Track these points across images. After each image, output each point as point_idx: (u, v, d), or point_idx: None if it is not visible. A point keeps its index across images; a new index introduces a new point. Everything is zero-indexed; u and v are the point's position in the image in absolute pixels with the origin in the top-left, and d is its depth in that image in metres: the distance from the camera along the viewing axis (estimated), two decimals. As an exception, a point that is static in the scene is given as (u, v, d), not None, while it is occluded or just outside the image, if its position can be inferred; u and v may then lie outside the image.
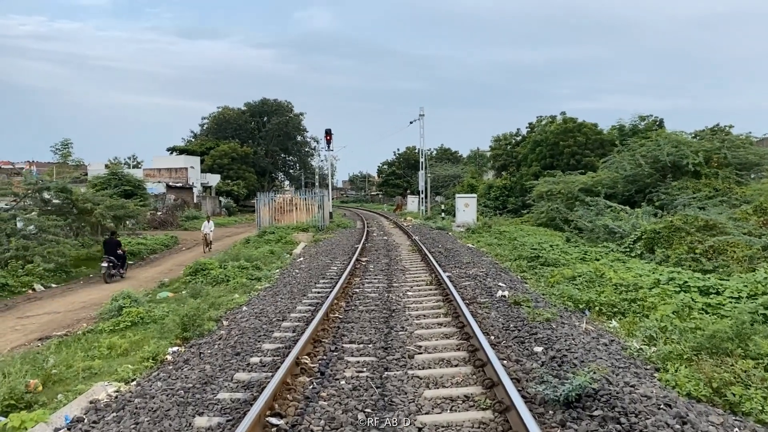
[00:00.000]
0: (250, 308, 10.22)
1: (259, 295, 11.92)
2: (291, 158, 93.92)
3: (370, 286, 11.84)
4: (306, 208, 32.24)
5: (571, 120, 48.87)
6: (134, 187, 35.05)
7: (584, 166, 40.63)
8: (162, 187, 52.34)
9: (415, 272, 13.61)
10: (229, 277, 15.71)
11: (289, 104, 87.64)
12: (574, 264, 14.70)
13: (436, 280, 11.74)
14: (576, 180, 32.84)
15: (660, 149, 28.82)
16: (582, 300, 9.67)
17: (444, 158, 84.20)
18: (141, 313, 10.95)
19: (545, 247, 16.53)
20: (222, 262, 17.57)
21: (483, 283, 11.48)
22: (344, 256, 17.42)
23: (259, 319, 8.97)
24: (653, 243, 16.56)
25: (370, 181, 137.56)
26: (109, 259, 19.48)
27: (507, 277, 12.53)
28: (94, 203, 23.09)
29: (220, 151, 72.70)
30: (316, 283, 12.40)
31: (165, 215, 44.92)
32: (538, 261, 15.23)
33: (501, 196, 50.51)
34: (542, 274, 13.44)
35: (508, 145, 58.19)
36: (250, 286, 13.70)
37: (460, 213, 31.59)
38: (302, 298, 10.66)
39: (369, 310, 9.19)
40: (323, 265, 15.64)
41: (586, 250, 17.17)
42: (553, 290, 10.88)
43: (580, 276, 11.68)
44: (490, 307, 8.97)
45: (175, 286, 16.46)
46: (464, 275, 12.54)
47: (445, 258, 16.07)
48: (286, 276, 14.64)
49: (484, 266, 14.13)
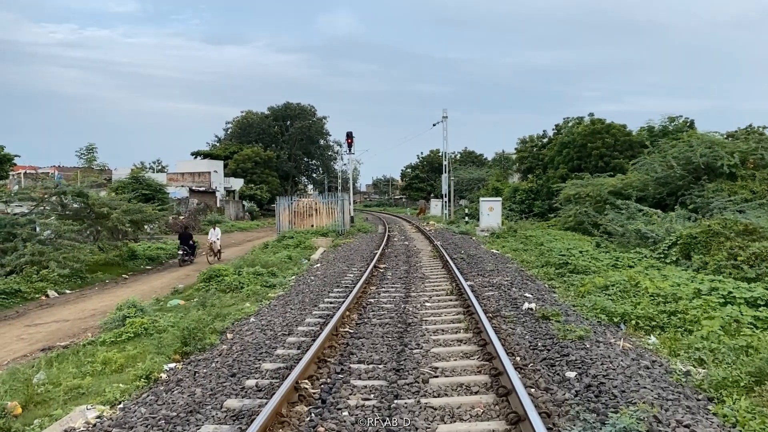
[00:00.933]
0: (258, 319, 9.58)
1: (270, 305, 11.29)
2: (314, 162, 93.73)
3: (386, 295, 11.11)
4: (326, 213, 31.67)
5: (599, 121, 47.53)
6: (154, 191, 34.85)
7: (613, 168, 39.34)
8: (185, 191, 52.39)
9: (435, 280, 12.84)
10: (243, 284, 15.15)
11: (312, 108, 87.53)
12: (606, 271, 13.79)
13: (457, 289, 10.97)
14: (605, 182, 31.69)
15: (693, 150, 27.64)
16: (616, 312, 8.81)
17: (468, 161, 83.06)
18: (145, 324, 10.39)
19: (574, 253, 15.61)
20: (237, 268, 17.04)
21: (508, 293, 10.65)
22: (362, 263, 16.73)
23: (264, 333, 8.32)
24: (689, 249, 15.52)
25: (393, 184, 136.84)
26: (183, 248, 24.53)
27: (534, 286, 11.67)
28: (110, 207, 22.80)
29: (244, 155, 72.76)
30: (329, 292, 11.72)
31: (187, 219, 44.85)
32: (567, 268, 14.35)
33: (527, 199, 49.33)
34: (571, 283, 12.57)
35: (534, 147, 56.91)
36: (262, 294, 13.10)
37: (484, 217, 30.67)
38: (313, 309, 9.98)
39: (383, 324, 8.46)
40: (339, 272, 14.96)
41: (618, 256, 16.21)
42: (584, 301, 10.02)
43: (612, 285, 10.79)
44: (516, 322, 8.15)
45: (188, 293, 15.96)
46: (487, 284, 11.73)
47: (467, 265, 15.25)
48: (301, 283, 14.01)
49: (509, 274, 13.29)
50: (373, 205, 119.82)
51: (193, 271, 21.29)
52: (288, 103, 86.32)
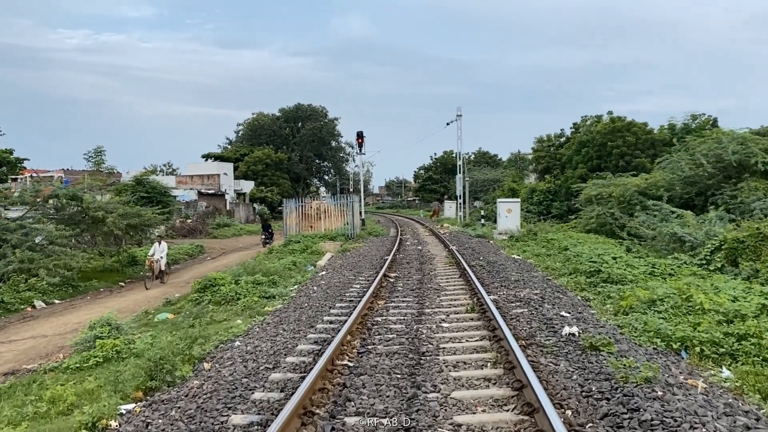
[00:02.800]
0: (245, 343, 8.15)
1: (263, 322, 9.87)
2: (326, 164, 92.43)
3: (396, 312, 9.61)
4: (335, 216, 30.24)
5: (620, 119, 45.75)
6: (159, 194, 33.64)
7: (634, 167, 37.58)
8: (193, 194, 51.31)
9: (453, 293, 11.32)
10: (240, 294, 13.78)
11: (323, 109, 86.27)
12: (644, 281, 12.21)
13: (479, 305, 9.44)
14: (628, 182, 30.00)
15: (723, 147, 25.91)
16: (674, 337, 7.27)
17: (483, 162, 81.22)
18: (118, 346, 9.00)
19: (606, 259, 14.01)
20: (236, 277, 15.68)
21: (539, 310, 9.08)
22: (371, 270, 15.26)
23: (246, 365, 6.86)
24: (736, 254, 13.89)
25: (406, 186, 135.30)
26: (264, 233, 30.46)
27: (567, 299, 10.11)
28: (106, 211, 21.54)
29: (254, 157, 71.66)
30: (330, 308, 10.25)
31: (194, 223, 43.71)
32: (600, 277, 12.79)
33: (545, 200, 47.64)
34: (608, 295, 11.02)
35: (551, 146, 55.15)
36: (257, 308, 11.70)
37: (501, 219, 29.06)
38: (309, 331, 8.52)
39: (390, 353, 6.94)
40: (345, 282, 13.50)
41: (653, 262, 14.59)
42: (629, 320, 8.48)
43: (660, 300, 9.23)
44: (557, 354, 6.55)
45: (180, 304, 14.61)
46: (514, 298, 10.18)
47: (488, 274, 13.68)
48: (302, 295, 12.59)
49: (536, 285, 11.72)
50: (386, 207, 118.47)
51: (196, 278, 19.88)
52: (299, 105, 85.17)
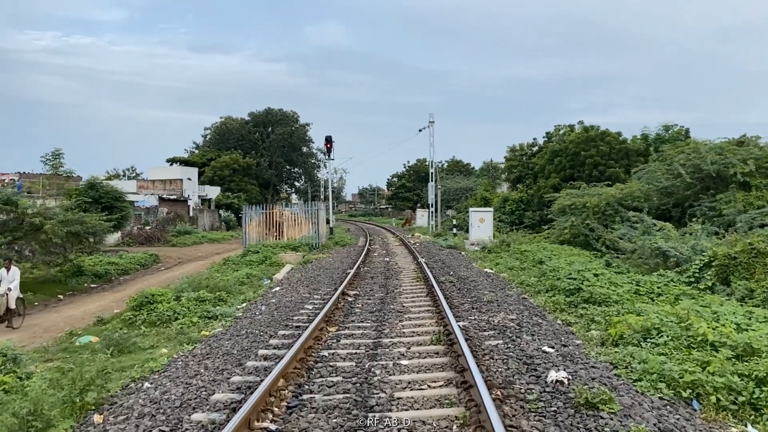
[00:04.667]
0: (155, 385, 6.60)
1: (191, 353, 8.32)
2: (296, 170, 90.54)
3: (348, 343, 8.09)
4: (302, 224, 28.65)
5: (593, 128, 45.17)
6: (113, 199, 31.56)
7: (608, 177, 36.92)
8: (154, 199, 49.05)
9: (417, 316, 9.87)
10: (178, 314, 12.20)
11: (294, 114, 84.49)
12: (631, 301, 10.97)
13: (446, 334, 8.02)
14: (603, 192, 29.18)
15: (702, 157, 25.21)
16: (684, 382, 5.96)
17: (456, 170, 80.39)
18: (6, 384, 7.36)
19: (587, 276, 12.75)
20: (178, 292, 14.07)
21: (517, 343, 7.70)
22: (329, 287, 13.75)
23: (139, 426, 5.30)
24: (727, 272, 12.78)
25: (380, 194, 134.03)
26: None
27: (547, 326, 8.76)
28: (45, 218, 19.62)
29: (221, 162, 69.54)
30: (272, 336, 8.69)
31: (153, 230, 41.62)
32: (580, 296, 11.54)
33: (517, 209, 46.78)
34: (591, 318, 9.76)
35: (524, 155, 54.44)
36: (192, 334, 10.14)
37: (474, 229, 27.86)
38: (235, 371, 6.91)
39: (329, 408, 5.37)
40: (297, 302, 11.96)
41: (638, 279, 13.41)
42: (622, 354, 7.16)
43: (656, 329, 7.94)
44: (543, 414, 5.05)
45: (113, 323, 12.91)
46: (487, 325, 8.75)
47: (458, 292, 12.28)
48: (246, 317, 11.06)
49: (512, 307, 10.36)
50: (358, 215, 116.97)
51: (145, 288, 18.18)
52: (269, 109, 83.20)
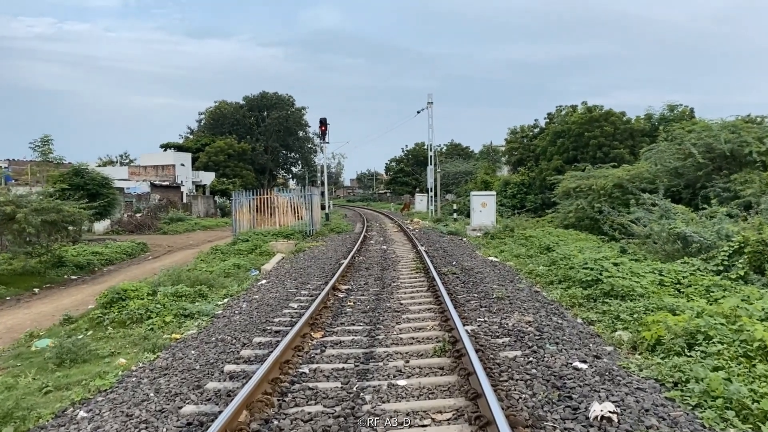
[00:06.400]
0: (90, 416, 5.33)
1: (148, 368, 7.07)
2: (293, 155, 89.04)
3: (334, 355, 6.62)
4: (294, 210, 27.34)
5: (597, 108, 43.85)
6: (99, 185, 30.22)
7: (613, 158, 35.70)
8: (146, 186, 47.68)
9: (417, 317, 8.53)
10: (151, 312, 10.93)
11: (290, 98, 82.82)
12: (658, 295, 9.72)
13: (452, 342, 6.70)
14: (609, 174, 27.91)
15: (714, 136, 24.00)
16: (759, 410, 4.72)
17: (455, 154, 78.95)
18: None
19: (605, 265, 11.48)
20: (155, 286, 12.79)
21: (540, 355, 6.34)
22: (320, 279, 12.47)
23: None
24: (762, 259, 11.52)
25: (378, 179, 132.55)
26: None
27: (570, 329, 7.46)
28: (17, 206, 18.31)
29: (216, 147, 68.07)
30: (245, 345, 7.29)
31: (144, 217, 40.31)
32: (599, 288, 10.30)
33: (519, 193, 45.62)
34: (615, 315, 8.52)
35: (525, 137, 53.14)
36: (158, 339, 8.89)
37: (476, 214, 26.57)
38: (190, 395, 5.45)
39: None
40: (282, 298, 10.68)
41: (659, 268, 12.14)
42: (664, 367, 5.92)
43: (701, 332, 6.68)
44: None
45: (80, 322, 11.64)
46: (499, 329, 7.38)
47: (463, 286, 10.98)
48: (224, 317, 9.81)
49: (526, 304, 9.07)
50: (357, 200, 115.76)
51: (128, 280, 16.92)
52: (264, 93, 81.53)
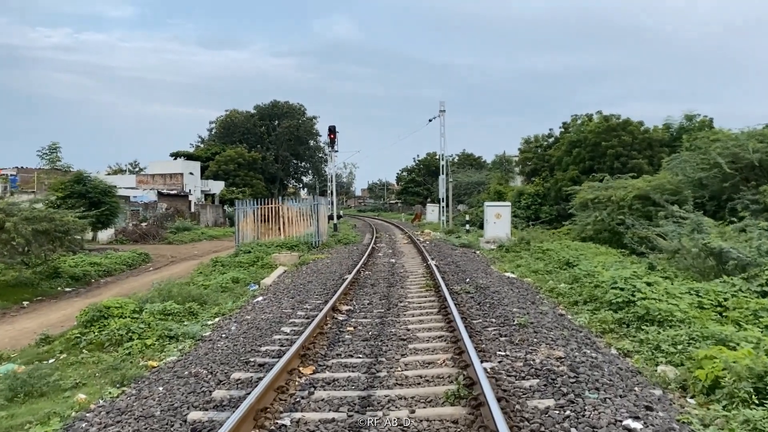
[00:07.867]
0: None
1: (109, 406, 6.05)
2: (304, 164, 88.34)
3: (324, 400, 5.19)
4: (305, 220, 26.33)
5: (614, 117, 42.62)
6: (101, 193, 29.45)
7: (631, 169, 34.28)
8: (153, 194, 47.00)
9: (426, 349, 7.27)
10: (133, 333, 9.94)
11: (301, 107, 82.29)
12: (701, 320, 8.54)
13: (468, 385, 5.54)
14: (628, 185, 26.63)
15: (741, 145, 22.80)
16: None
17: (467, 164, 77.79)
18: None
19: (637, 284, 10.30)
20: (142, 302, 11.79)
21: (579, 406, 4.96)
22: (320, 298, 11.37)
23: None
24: (813, 280, 10.31)
25: (389, 189, 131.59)
26: None
27: (608, 366, 6.28)
28: (7, 214, 17.47)
29: (226, 156, 67.52)
30: (219, 384, 6.09)
31: (149, 226, 39.54)
32: (632, 312, 9.16)
33: (533, 204, 44.33)
34: (653, 344, 7.39)
35: (539, 147, 51.84)
36: (130, 370, 7.84)
37: (489, 226, 25.40)
38: None
39: None
40: (275, 320, 9.59)
41: (696, 288, 10.94)
42: (734, 422, 4.77)
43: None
44: None
45: (57, 343, 10.66)
46: (526, 368, 6.04)
47: (478, 309, 9.79)
48: (209, 340, 8.76)
49: (553, 333, 7.87)
50: (367, 210, 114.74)
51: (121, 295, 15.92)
52: (275, 102, 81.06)
